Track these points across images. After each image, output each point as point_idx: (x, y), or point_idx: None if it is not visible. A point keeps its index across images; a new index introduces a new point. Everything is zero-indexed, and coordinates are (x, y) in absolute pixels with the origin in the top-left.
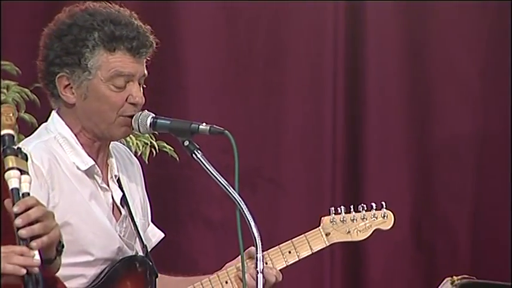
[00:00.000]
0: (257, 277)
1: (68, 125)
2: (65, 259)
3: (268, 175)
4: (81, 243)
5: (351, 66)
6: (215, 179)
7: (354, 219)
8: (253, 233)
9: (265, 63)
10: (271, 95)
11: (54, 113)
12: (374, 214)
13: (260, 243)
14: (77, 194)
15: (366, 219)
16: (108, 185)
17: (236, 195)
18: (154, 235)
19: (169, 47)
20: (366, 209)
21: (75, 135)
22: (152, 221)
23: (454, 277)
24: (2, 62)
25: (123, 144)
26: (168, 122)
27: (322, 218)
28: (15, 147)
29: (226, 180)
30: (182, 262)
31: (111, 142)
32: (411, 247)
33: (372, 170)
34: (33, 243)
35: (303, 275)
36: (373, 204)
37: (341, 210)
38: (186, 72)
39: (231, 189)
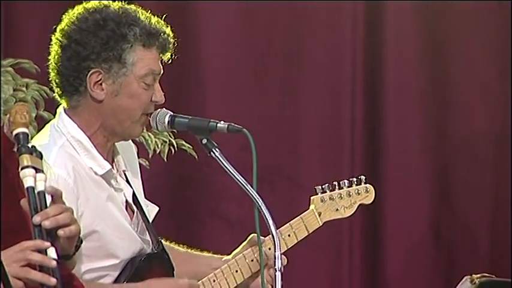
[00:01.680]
0: (275, 275)
1: (80, 127)
2: (92, 264)
3: (287, 173)
4: (108, 247)
5: (369, 66)
6: (233, 177)
7: (341, 196)
8: (271, 231)
9: (283, 62)
10: (290, 93)
11: (62, 113)
12: (357, 189)
13: (278, 242)
14: (99, 200)
15: (351, 195)
16: (117, 182)
17: (254, 193)
18: (151, 210)
19: (187, 46)
20: (348, 184)
21: (89, 137)
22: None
23: (473, 275)
24: (21, 60)
25: (143, 142)
26: (186, 120)
27: (312, 198)
28: (30, 146)
29: (244, 179)
30: None
31: None
32: (430, 246)
33: (390, 169)
34: (61, 231)
35: (322, 275)
36: (354, 179)
37: (326, 188)
38: (205, 71)
39: (249, 187)
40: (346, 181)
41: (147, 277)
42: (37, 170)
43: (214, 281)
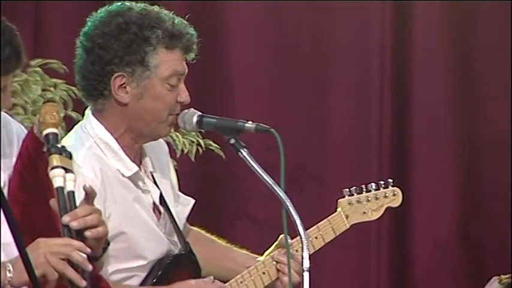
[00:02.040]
0: (303, 276)
1: (108, 129)
2: (120, 265)
3: (315, 173)
4: (135, 249)
5: (397, 65)
6: (261, 177)
7: (369, 199)
8: (299, 232)
9: (311, 62)
10: (318, 93)
11: (90, 115)
12: (385, 193)
13: (306, 242)
14: (126, 202)
15: (378, 198)
16: (145, 184)
17: (282, 194)
18: (187, 203)
19: (215, 47)
20: (375, 187)
21: (116, 139)
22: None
23: (502, 276)
24: (50, 60)
25: (170, 143)
26: (214, 120)
27: (339, 201)
28: (59, 146)
29: (272, 179)
30: None
31: None
32: (457, 246)
33: (418, 169)
34: (88, 232)
35: (350, 277)
36: (381, 182)
37: (353, 191)
38: (232, 71)
39: (277, 188)
40: (373, 184)
41: (174, 278)
42: (66, 170)
43: (241, 282)
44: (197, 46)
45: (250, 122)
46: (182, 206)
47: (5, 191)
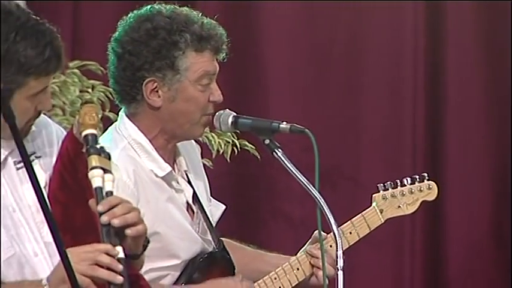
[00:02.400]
0: (337, 274)
1: (141, 130)
2: (154, 264)
3: (348, 173)
4: (169, 248)
5: (430, 65)
6: (296, 177)
7: (403, 194)
8: (333, 231)
9: (345, 62)
10: (351, 93)
11: (124, 117)
12: (419, 187)
13: (340, 241)
14: (159, 202)
15: (414, 192)
16: (178, 183)
17: (317, 193)
18: (218, 208)
19: (250, 47)
20: (410, 182)
21: (150, 141)
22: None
23: None
24: (87, 62)
25: (206, 143)
26: (249, 120)
27: (374, 196)
28: (98, 147)
29: (306, 179)
30: None
31: None
32: (491, 245)
33: (451, 168)
34: (129, 230)
35: (384, 274)
36: (417, 176)
37: (388, 186)
38: (267, 72)
39: (311, 187)
40: (408, 179)
41: (207, 276)
42: (105, 171)
43: (275, 278)
44: (227, 45)
45: (284, 123)
46: (213, 210)
47: (46, 191)
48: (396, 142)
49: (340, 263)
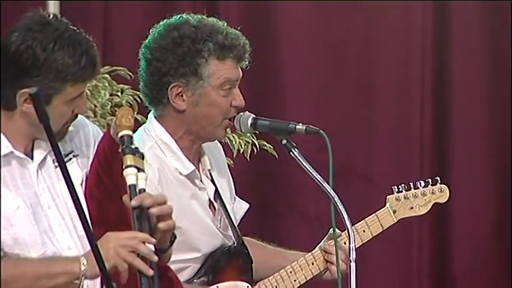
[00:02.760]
0: (350, 266)
1: (168, 131)
2: (176, 256)
3: (361, 172)
4: (190, 242)
5: (437, 66)
6: (311, 175)
7: (416, 196)
8: (346, 226)
9: (357, 64)
10: (363, 94)
11: (153, 119)
12: (432, 190)
13: (353, 234)
14: (182, 199)
15: (426, 194)
16: (202, 182)
17: (331, 190)
18: (241, 207)
19: (267, 51)
20: (423, 185)
21: (176, 141)
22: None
23: None
24: (117, 68)
25: (227, 143)
26: (267, 122)
27: (388, 197)
28: (133, 147)
29: (321, 176)
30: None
31: None
32: (494, 244)
33: (457, 168)
34: (162, 224)
35: (393, 269)
36: (429, 180)
37: (402, 188)
38: (284, 75)
39: (326, 185)
40: (422, 182)
41: (226, 269)
42: (139, 170)
43: (291, 272)
44: (250, 54)
45: (300, 124)
46: (237, 208)
47: (82, 188)
48: (405, 141)
49: (353, 255)
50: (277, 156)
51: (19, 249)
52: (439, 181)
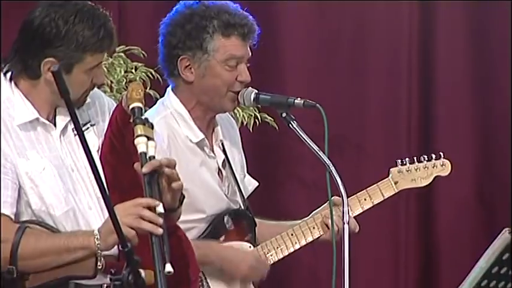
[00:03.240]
0: (343, 227)
1: (182, 102)
2: (182, 217)
3: (353, 142)
4: (196, 204)
5: (423, 50)
6: (308, 145)
7: (417, 169)
8: (340, 191)
9: (350, 48)
10: (356, 74)
11: (169, 91)
12: (434, 164)
13: (346, 200)
14: (190, 164)
15: (428, 168)
16: (213, 151)
17: (326, 159)
18: (250, 184)
19: (270, 35)
20: (427, 159)
21: (189, 111)
22: (248, 173)
23: None
24: (131, 47)
25: (232, 116)
26: (269, 97)
27: (391, 169)
28: (143, 118)
29: (317, 146)
30: (281, 215)
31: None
32: (474, 206)
33: (440, 134)
34: (174, 184)
35: (382, 230)
36: (433, 155)
37: (406, 162)
38: (284, 56)
39: (321, 154)
40: (426, 156)
41: (229, 230)
42: (149, 138)
43: (292, 234)
44: (255, 33)
45: (299, 99)
46: (246, 183)
47: (98, 154)
48: (394, 113)
49: (346, 218)
50: (277, 128)
51: (45, 207)
52: (442, 156)
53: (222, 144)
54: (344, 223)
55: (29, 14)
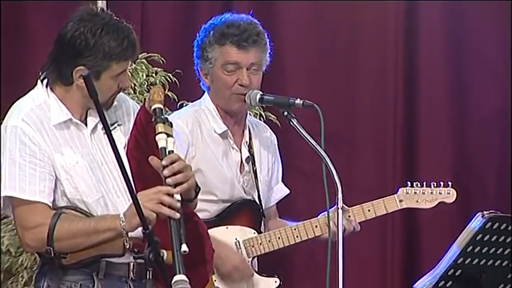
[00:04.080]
0: (337, 212)
1: (213, 102)
2: None
3: (346, 138)
4: (208, 185)
5: (408, 53)
6: (307, 140)
7: (424, 192)
8: (335, 181)
9: (344, 53)
10: (348, 77)
11: (205, 93)
12: (440, 190)
13: (340, 188)
14: (209, 151)
15: (433, 193)
16: (240, 148)
17: (323, 152)
18: (281, 190)
19: (272, 40)
20: (435, 185)
21: (216, 108)
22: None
23: (484, 212)
24: (152, 54)
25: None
26: (272, 97)
27: (400, 189)
28: (163, 117)
29: (315, 141)
30: (282, 203)
31: (250, 118)
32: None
33: (422, 130)
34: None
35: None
36: (442, 183)
37: (415, 185)
38: (285, 60)
39: (318, 148)
40: (434, 183)
41: (237, 216)
42: (168, 135)
43: (295, 229)
44: (253, 42)
45: (298, 99)
46: (277, 190)
47: (125, 150)
48: (381, 112)
49: (340, 203)
50: (280, 125)
51: (79, 195)
52: (450, 185)
53: (249, 145)
54: (338, 208)
55: (62, 28)
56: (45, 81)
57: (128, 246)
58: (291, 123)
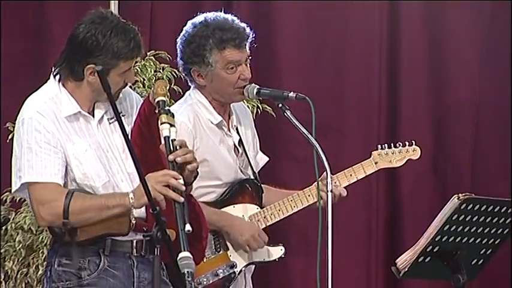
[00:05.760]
0: (327, 194)
1: (204, 96)
2: (203, 182)
3: (335, 126)
4: (214, 172)
5: (390, 49)
6: (299, 129)
7: (393, 153)
8: (325, 166)
9: (333, 49)
10: (338, 71)
11: (193, 88)
12: (407, 149)
13: (330, 172)
14: (210, 140)
15: (402, 152)
16: (231, 133)
17: (314, 140)
18: (261, 159)
19: (267, 40)
20: (401, 145)
21: (210, 102)
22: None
23: (459, 194)
24: (159, 51)
25: None
26: (268, 91)
27: (372, 152)
28: (166, 109)
29: (307, 130)
30: (279, 183)
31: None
32: (430, 175)
33: (404, 120)
34: (189, 166)
35: (358, 198)
36: (407, 142)
37: (385, 146)
38: (280, 58)
39: (310, 136)
40: (400, 143)
41: (240, 194)
42: (171, 125)
43: (291, 200)
44: (248, 39)
45: (292, 92)
46: (258, 159)
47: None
48: (367, 103)
49: (330, 187)
50: (275, 116)
51: (87, 180)
52: (414, 143)
53: (237, 128)
54: (328, 191)
55: (74, 29)
56: (57, 76)
57: (132, 224)
58: (285, 114)
